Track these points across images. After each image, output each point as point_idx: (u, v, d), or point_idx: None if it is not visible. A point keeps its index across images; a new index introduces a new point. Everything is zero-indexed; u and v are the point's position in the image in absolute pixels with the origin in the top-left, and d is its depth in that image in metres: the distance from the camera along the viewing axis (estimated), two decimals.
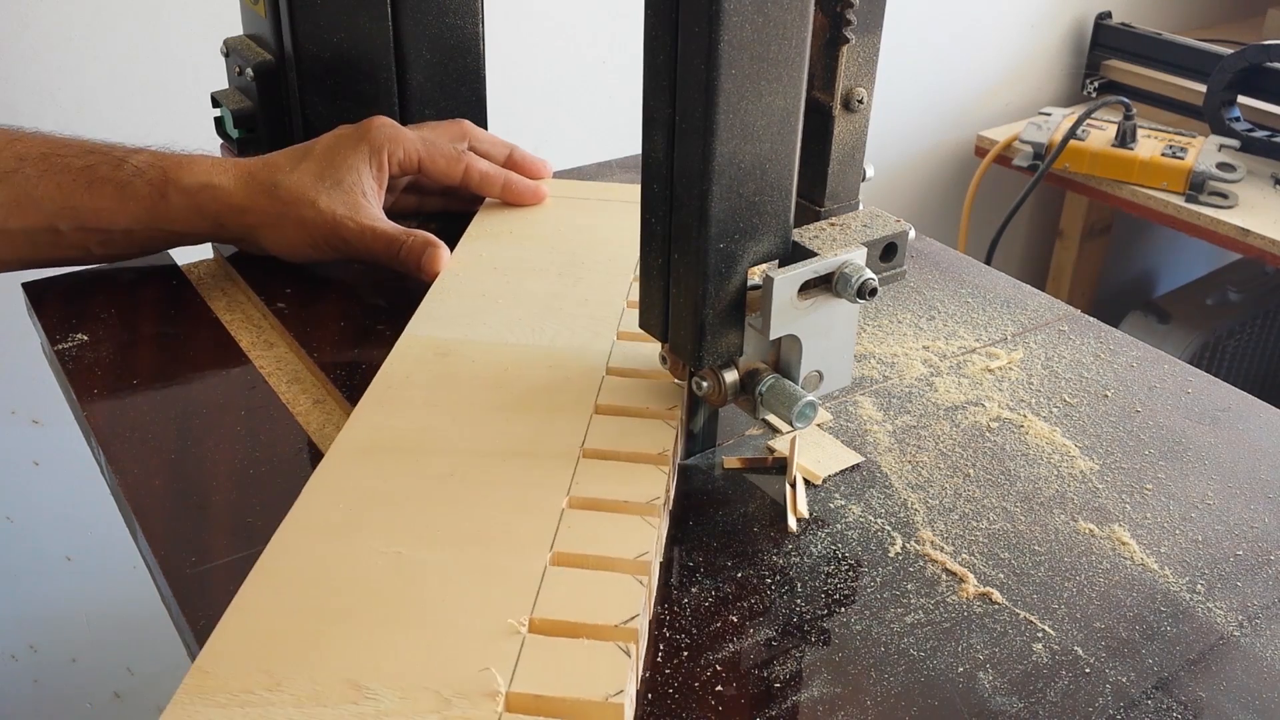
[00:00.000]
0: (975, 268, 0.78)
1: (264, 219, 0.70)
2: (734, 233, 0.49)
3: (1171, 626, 0.48)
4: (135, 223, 0.68)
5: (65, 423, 0.71)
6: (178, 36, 1.12)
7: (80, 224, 0.67)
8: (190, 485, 0.55)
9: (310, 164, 0.70)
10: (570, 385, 0.57)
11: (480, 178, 0.76)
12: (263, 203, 0.69)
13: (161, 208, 0.68)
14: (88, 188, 0.67)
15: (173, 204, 0.68)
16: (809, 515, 0.54)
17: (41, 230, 0.67)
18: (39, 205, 0.66)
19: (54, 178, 0.67)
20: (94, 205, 0.67)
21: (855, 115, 0.53)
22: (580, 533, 0.47)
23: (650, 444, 0.53)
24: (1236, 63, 1.60)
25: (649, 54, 0.48)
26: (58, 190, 0.67)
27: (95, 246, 0.69)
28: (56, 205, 0.67)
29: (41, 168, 0.67)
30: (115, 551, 1.19)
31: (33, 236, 0.67)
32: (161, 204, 0.68)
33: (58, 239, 0.68)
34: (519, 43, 1.33)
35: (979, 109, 1.91)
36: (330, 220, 0.69)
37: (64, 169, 0.67)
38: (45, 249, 0.68)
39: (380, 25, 0.81)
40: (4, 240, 0.67)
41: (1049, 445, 0.59)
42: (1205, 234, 1.57)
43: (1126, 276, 2.25)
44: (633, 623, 0.42)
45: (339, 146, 0.71)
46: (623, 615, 0.43)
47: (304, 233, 0.70)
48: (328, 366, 0.63)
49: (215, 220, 0.70)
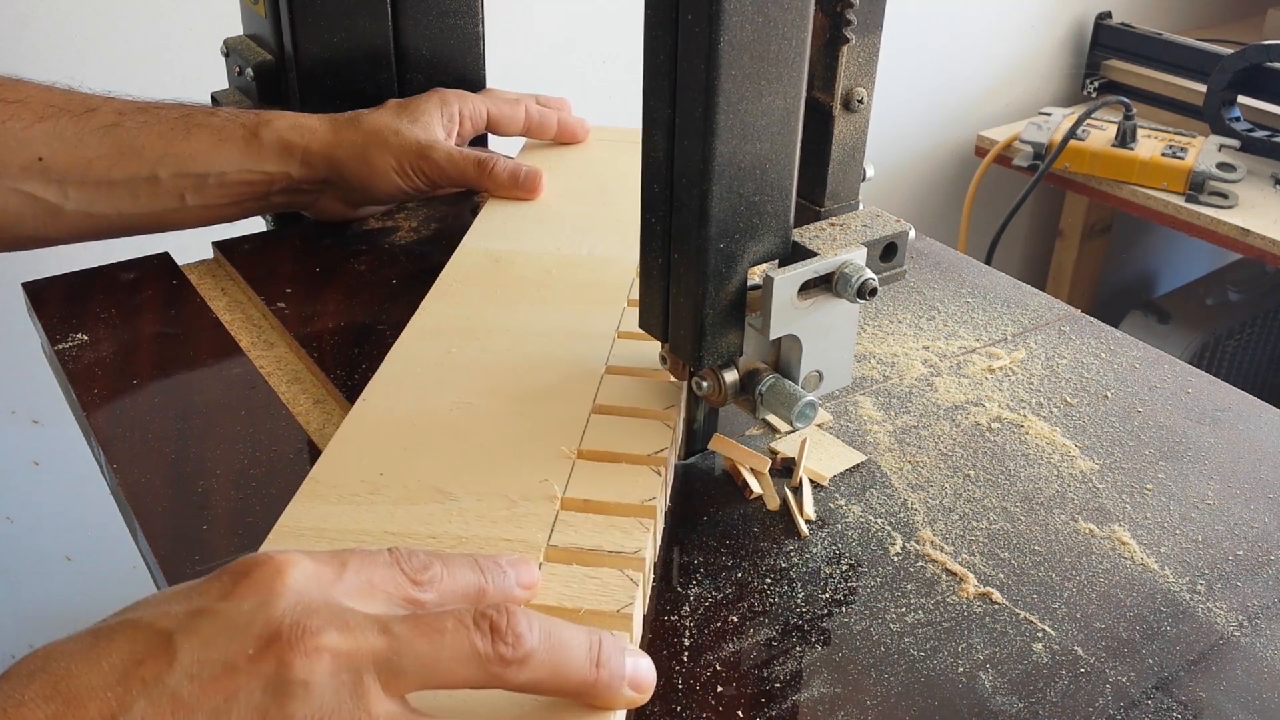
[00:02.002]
0: (975, 268, 0.78)
1: (352, 150, 0.74)
2: (734, 233, 0.49)
3: (1171, 626, 0.48)
4: (229, 165, 0.72)
5: (65, 423, 0.71)
6: (178, 36, 1.12)
7: (179, 170, 0.71)
8: (190, 485, 0.55)
9: (387, 108, 0.77)
10: (604, 285, 0.66)
11: (540, 119, 0.83)
12: (349, 134, 0.75)
13: (253, 147, 0.73)
14: (186, 134, 0.71)
15: (264, 142, 0.73)
16: (814, 516, 0.54)
17: (143, 179, 0.70)
18: (141, 154, 0.70)
19: (155, 127, 0.71)
20: (192, 150, 0.71)
21: (855, 115, 0.53)
22: (616, 389, 0.57)
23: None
24: (1236, 63, 1.60)
25: (649, 54, 0.48)
26: (159, 138, 0.71)
27: (190, 194, 0.72)
28: (158, 153, 0.70)
29: (141, 119, 0.71)
30: (115, 551, 1.19)
31: (134, 186, 0.71)
32: (253, 143, 0.73)
33: (156, 187, 0.71)
34: (519, 43, 1.33)
35: (979, 109, 1.91)
36: (416, 145, 0.75)
37: (162, 119, 0.72)
38: (144, 198, 0.71)
39: (380, 25, 0.81)
40: (107, 192, 0.70)
41: (1049, 445, 0.59)
42: (1205, 234, 1.57)
43: (1126, 276, 2.25)
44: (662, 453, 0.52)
45: (411, 99, 0.78)
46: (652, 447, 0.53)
47: (391, 158, 0.74)
48: (328, 366, 0.63)
49: (303, 157, 0.74)
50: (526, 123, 0.83)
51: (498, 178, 0.76)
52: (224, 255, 0.76)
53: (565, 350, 0.60)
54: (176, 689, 0.33)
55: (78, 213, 0.70)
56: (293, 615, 0.34)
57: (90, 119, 0.70)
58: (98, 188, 0.70)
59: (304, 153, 0.74)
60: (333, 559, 0.38)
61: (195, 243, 0.77)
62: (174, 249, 0.76)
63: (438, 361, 0.59)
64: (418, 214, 0.81)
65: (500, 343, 0.61)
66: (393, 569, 0.38)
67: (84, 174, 0.69)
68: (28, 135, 0.68)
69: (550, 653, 0.36)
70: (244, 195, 0.74)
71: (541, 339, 0.61)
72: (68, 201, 0.69)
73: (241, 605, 0.35)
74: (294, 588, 0.35)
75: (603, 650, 0.38)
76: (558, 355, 0.59)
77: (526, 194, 0.76)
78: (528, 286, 0.66)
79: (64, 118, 0.69)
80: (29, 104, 0.69)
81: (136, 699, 0.33)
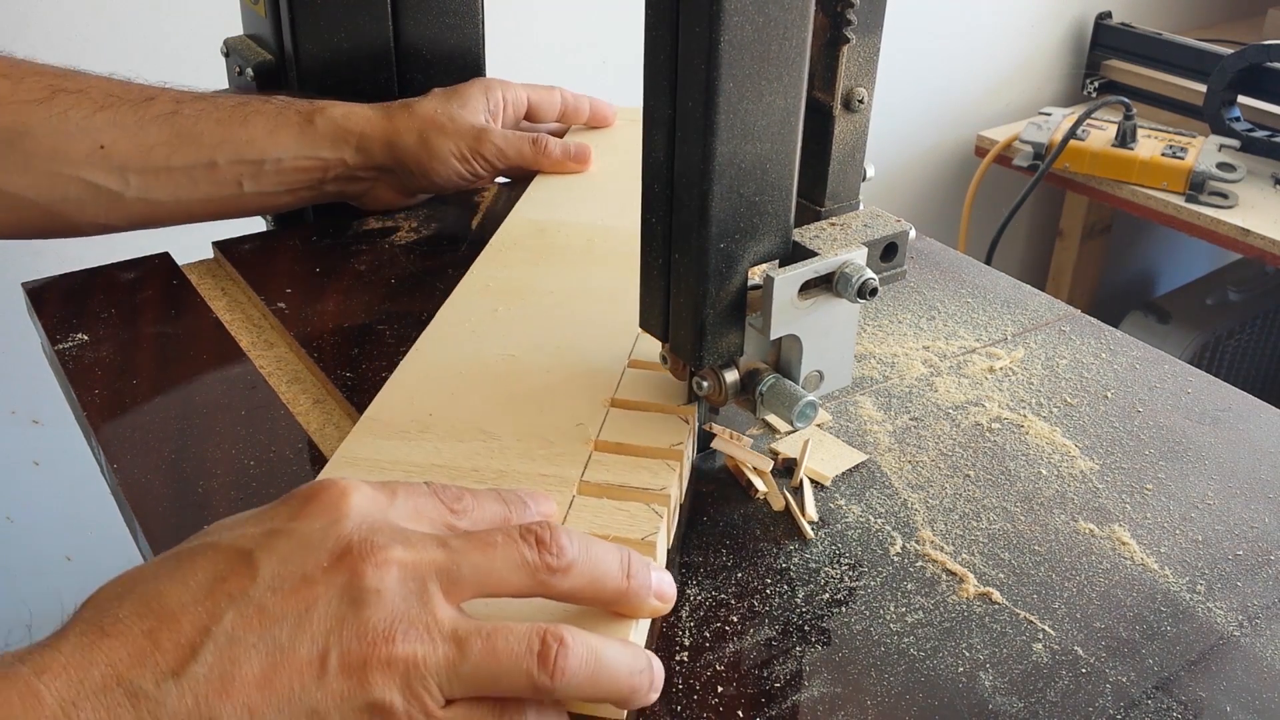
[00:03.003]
0: (975, 268, 0.78)
1: (411, 135, 0.76)
2: (734, 233, 0.49)
3: (1171, 626, 0.48)
4: (285, 151, 0.73)
5: (65, 423, 0.71)
6: (178, 36, 1.12)
7: (237, 156, 0.72)
8: (190, 485, 0.55)
9: (435, 96, 0.79)
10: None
11: (574, 104, 0.87)
12: (407, 120, 0.76)
13: (309, 133, 0.74)
14: (244, 121, 0.72)
15: (319, 129, 0.74)
16: (816, 518, 0.54)
17: (201, 166, 0.72)
18: (199, 140, 0.71)
19: (212, 115, 0.72)
20: (249, 136, 0.72)
21: (855, 115, 0.53)
22: (649, 348, 0.59)
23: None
24: (1236, 63, 1.60)
25: (649, 54, 0.48)
26: (217, 125, 0.72)
27: (247, 180, 0.73)
28: (216, 139, 0.72)
29: (198, 107, 0.72)
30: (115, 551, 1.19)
31: (192, 173, 0.71)
32: (309, 129, 0.74)
33: (214, 174, 0.72)
34: (519, 43, 1.33)
35: (979, 109, 1.91)
36: (471, 129, 0.78)
37: (219, 107, 0.73)
38: (203, 185, 0.72)
39: (380, 25, 0.81)
40: (166, 179, 0.71)
41: (1049, 445, 0.59)
42: (1205, 234, 1.57)
43: (1126, 276, 2.25)
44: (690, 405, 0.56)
45: (455, 87, 0.80)
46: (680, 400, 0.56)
47: (450, 143, 0.76)
48: (328, 366, 0.63)
49: (360, 143, 0.75)
50: (562, 109, 0.86)
51: (551, 154, 0.80)
52: (224, 255, 0.76)
53: (603, 312, 0.63)
54: (261, 600, 0.36)
55: (137, 200, 0.71)
56: (360, 532, 0.38)
57: (149, 107, 0.71)
58: (157, 174, 0.71)
59: (360, 139, 0.75)
60: (383, 487, 0.41)
61: (195, 243, 0.77)
62: (174, 249, 0.76)
63: (485, 318, 0.64)
64: (418, 214, 0.81)
65: (544, 303, 0.65)
66: (432, 498, 0.42)
67: (144, 161, 0.70)
68: (89, 124, 0.68)
69: (588, 563, 0.40)
70: (299, 183, 0.75)
71: (582, 301, 0.65)
72: (128, 189, 0.70)
73: (312, 525, 0.38)
74: (358, 509, 0.39)
75: (632, 564, 0.42)
76: (596, 317, 0.63)
77: (579, 165, 0.81)
78: (571, 254, 0.71)
79: (123, 106, 0.70)
80: (89, 93, 0.69)
81: (225, 611, 0.36)
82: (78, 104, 0.69)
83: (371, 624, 0.36)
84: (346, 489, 0.40)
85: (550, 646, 0.37)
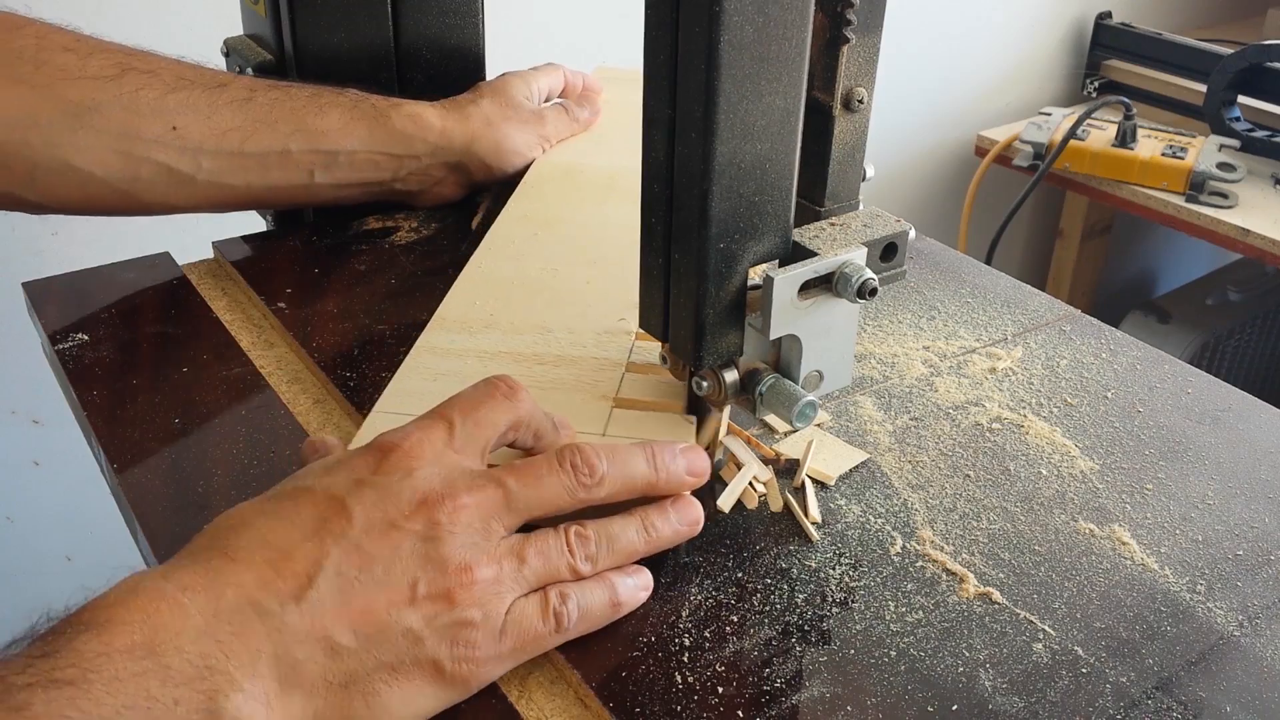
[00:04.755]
0: (975, 268, 0.78)
1: (478, 128, 0.79)
2: (734, 233, 0.49)
3: (1171, 626, 0.48)
4: (359, 143, 0.74)
5: (65, 423, 0.71)
6: (178, 36, 1.12)
7: (311, 146, 0.73)
8: (190, 485, 0.55)
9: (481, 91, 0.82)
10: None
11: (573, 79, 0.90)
12: (478, 116, 0.80)
13: (383, 127, 0.75)
14: (319, 111, 0.73)
15: (393, 124, 0.76)
16: (819, 519, 0.54)
17: (275, 153, 0.72)
18: (274, 127, 0.72)
19: (287, 103, 0.73)
20: (324, 126, 0.73)
21: (855, 115, 0.53)
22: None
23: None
24: (1236, 63, 1.60)
25: (649, 54, 0.48)
26: (292, 114, 0.72)
27: (319, 171, 0.74)
28: (290, 127, 0.72)
29: (273, 95, 0.73)
30: (115, 551, 1.19)
31: (265, 160, 0.72)
32: (383, 123, 0.75)
33: (287, 161, 0.73)
34: (519, 43, 1.33)
35: (979, 109, 1.91)
36: (533, 115, 0.83)
37: (294, 96, 0.74)
38: (275, 172, 0.73)
39: (380, 25, 0.81)
40: (239, 164, 0.71)
41: (1049, 445, 0.59)
42: (1205, 234, 1.57)
43: (1126, 276, 2.26)
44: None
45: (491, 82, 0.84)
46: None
47: (519, 131, 0.81)
48: (328, 366, 0.63)
49: (433, 139, 0.77)
50: (567, 86, 0.91)
51: (580, 117, 0.87)
52: (224, 255, 0.76)
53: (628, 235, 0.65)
54: (358, 541, 0.42)
55: (209, 183, 0.71)
56: (432, 484, 0.44)
57: (222, 93, 0.71)
58: (231, 159, 0.71)
59: (440, 134, 0.77)
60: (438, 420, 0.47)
61: (195, 243, 0.77)
62: (174, 249, 0.76)
63: (527, 241, 0.72)
64: (418, 214, 0.81)
65: (575, 230, 0.73)
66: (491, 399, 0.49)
67: (218, 145, 0.70)
68: (162, 104, 0.68)
69: (619, 470, 0.48)
70: (370, 177, 0.76)
71: (608, 228, 0.73)
72: (200, 171, 0.70)
73: (391, 478, 0.44)
74: (428, 462, 0.45)
75: (658, 457, 0.49)
76: (622, 239, 0.71)
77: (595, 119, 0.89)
78: (594, 190, 0.79)
79: (196, 90, 0.70)
80: (160, 75, 0.69)
81: (331, 549, 0.42)
82: (149, 84, 0.68)
83: (449, 558, 0.43)
84: (414, 446, 0.45)
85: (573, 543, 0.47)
